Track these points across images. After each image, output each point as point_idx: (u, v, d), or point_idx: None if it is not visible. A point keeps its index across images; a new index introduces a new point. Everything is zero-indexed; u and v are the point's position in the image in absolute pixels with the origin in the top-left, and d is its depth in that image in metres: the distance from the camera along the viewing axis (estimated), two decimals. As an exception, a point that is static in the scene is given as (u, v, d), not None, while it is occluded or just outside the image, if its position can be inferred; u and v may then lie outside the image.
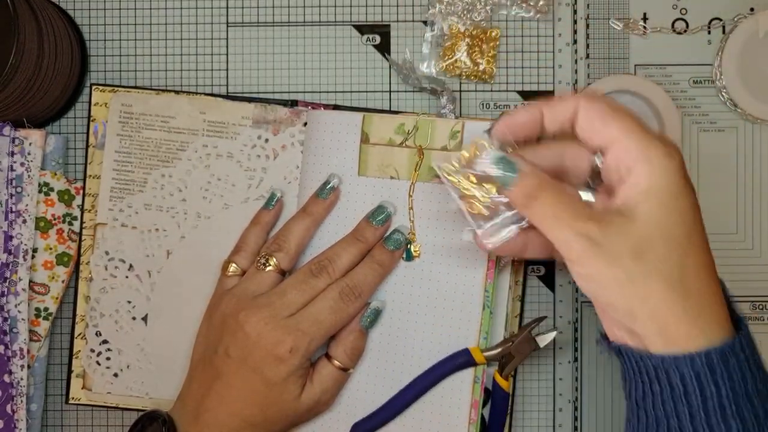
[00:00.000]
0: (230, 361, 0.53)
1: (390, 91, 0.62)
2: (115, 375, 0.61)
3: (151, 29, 0.63)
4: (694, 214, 0.44)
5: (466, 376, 0.56)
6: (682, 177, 0.44)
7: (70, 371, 0.61)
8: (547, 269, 0.62)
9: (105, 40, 0.63)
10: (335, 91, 0.63)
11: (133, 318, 0.61)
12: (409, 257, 0.57)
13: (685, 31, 0.62)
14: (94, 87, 0.61)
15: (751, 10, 0.61)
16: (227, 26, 0.63)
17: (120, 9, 0.63)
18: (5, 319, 0.59)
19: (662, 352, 0.43)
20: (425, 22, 0.62)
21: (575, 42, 0.62)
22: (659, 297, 0.43)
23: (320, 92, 0.63)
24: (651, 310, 0.43)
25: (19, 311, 0.59)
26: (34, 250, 0.60)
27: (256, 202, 0.60)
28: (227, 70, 0.63)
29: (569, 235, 0.44)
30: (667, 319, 0.43)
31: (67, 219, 0.61)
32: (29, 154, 0.60)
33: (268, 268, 0.56)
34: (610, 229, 0.43)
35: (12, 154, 0.59)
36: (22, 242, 0.59)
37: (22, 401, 0.59)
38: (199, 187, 0.61)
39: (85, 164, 0.61)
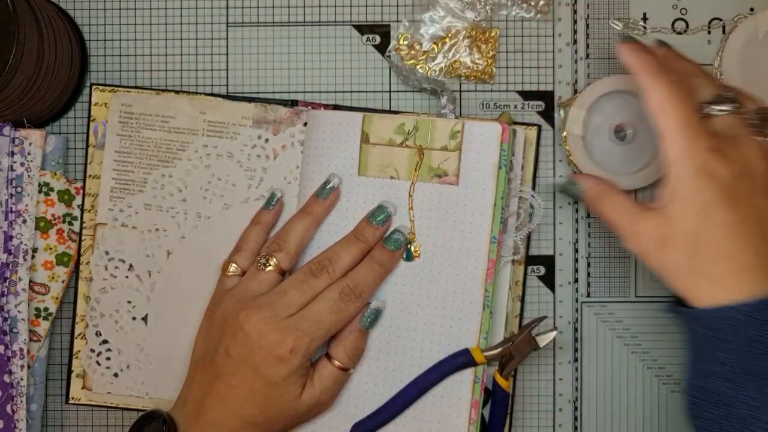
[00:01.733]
0: (231, 361, 0.53)
1: (390, 91, 0.62)
2: (115, 375, 0.61)
3: (151, 29, 0.63)
4: (712, 209, 0.48)
5: (466, 376, 0.56)
6: (715, 190, 0.48)
7: (70, 371, 0.61)
8: (547, 269, 0.62)
9: (105, 40, 0.63)
10: (335, 91, 0.63)
11: (133, 318, 0.61)
12: (409, 257, 0.57)
13: (685, 31, 0.62)
14: (94, 87, 0.61)
15: (751, 10, 0.61)
16: (227, 26, 0.63)
17: (120, 9, 0.63)
18: (5, 319, 0.59)
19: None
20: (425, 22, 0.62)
21: (575, 42, 0.62)
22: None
23: (320, 92, 0.63)
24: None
25: (19, 311, 0.59)
26: (34, 250, 0.60)
27: (256, 202, 0.60)
28: (227, 70, 0.63)
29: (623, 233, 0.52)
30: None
31: (67, 219, 0.61)
32: (29, 154, 0.60)
33: (269, 268, 0.56)
34: (643, 225, 0.51)
35: (12, 154, 0.59)
36: (22, 242, 0.59)
37: (22, 401, 0.59)
38: (199, 187, 0.61)
39: (85, 164, 0.61)
